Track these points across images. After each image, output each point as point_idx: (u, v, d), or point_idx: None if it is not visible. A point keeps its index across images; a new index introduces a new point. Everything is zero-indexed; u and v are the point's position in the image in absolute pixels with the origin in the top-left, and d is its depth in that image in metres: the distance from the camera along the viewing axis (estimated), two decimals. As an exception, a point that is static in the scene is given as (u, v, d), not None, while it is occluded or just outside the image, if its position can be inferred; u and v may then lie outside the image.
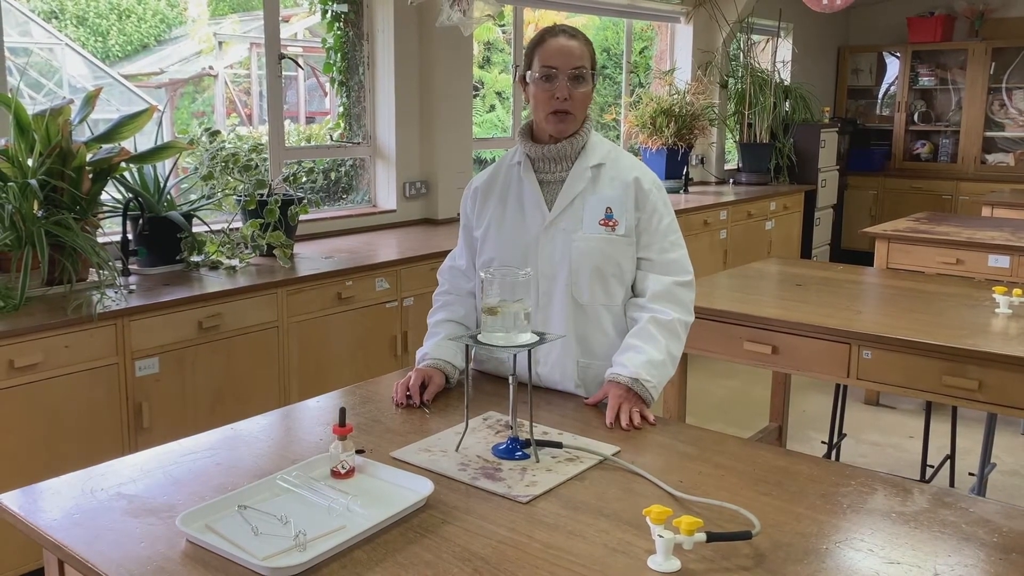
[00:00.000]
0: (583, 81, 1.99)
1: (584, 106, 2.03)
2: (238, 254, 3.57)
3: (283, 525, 1.41)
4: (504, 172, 2.16)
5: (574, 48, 1.98)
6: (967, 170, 7.95)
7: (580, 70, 1.98)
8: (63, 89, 5.05)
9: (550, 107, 2.00)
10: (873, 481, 1.62)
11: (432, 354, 2.10)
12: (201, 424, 2.88)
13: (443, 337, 2.13)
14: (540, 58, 2.00)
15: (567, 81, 1.97)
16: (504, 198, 2.13)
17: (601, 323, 2.07)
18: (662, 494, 1.55)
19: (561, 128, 2.03)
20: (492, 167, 2.23)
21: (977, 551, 1.37)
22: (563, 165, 2.08)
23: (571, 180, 2.07)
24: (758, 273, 3.72)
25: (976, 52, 7.80)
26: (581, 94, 2.00)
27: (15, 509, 1.50)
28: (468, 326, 2.19)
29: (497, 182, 2.16)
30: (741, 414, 4.55)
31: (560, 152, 2.06)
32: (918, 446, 3.74)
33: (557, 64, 1.97)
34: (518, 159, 2.13)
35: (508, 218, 2.11)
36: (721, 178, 7.16)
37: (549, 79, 1.98)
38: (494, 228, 2.13)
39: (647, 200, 2.07)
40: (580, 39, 2.01)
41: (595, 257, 2.03)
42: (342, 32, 4.65)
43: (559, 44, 1.99)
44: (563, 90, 1.97)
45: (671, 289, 2.05)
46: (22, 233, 2.84)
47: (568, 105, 1.99)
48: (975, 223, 5.16)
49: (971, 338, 2.67)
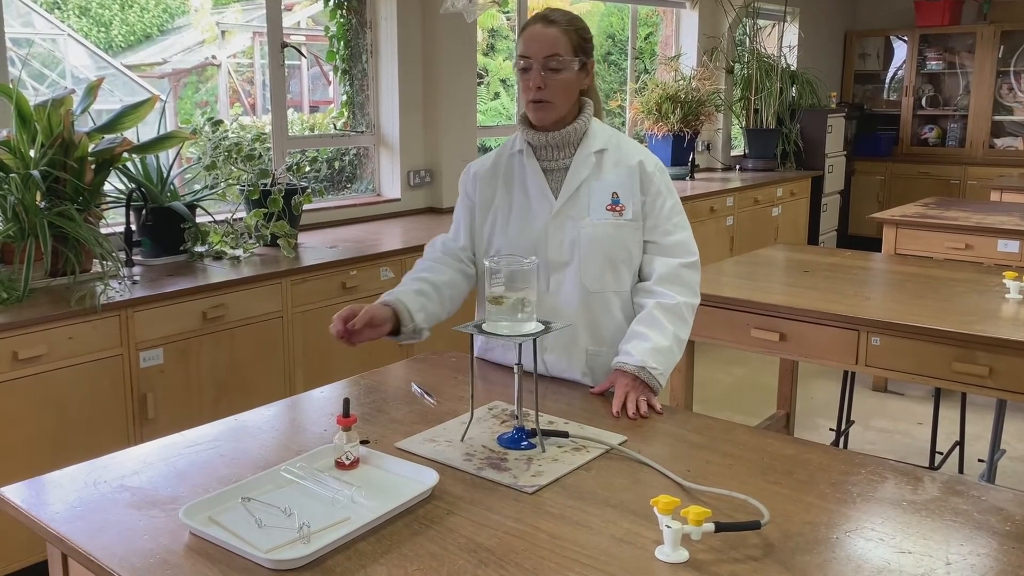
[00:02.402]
0: (559, 70, 1.94)
1: (564, 93, 1.98)
2: (242, 244, 3.55)
3: (287, 517, 1.40)
4: (506, 160, 2.13)
5: (548, 35, 1.94)
6: (975, 155, 7.89)
7: (554, 59, 1.93)
8: (66, 80, 5.04)
9: (527, 96, 1.98)
10: (883, 469, 1.61)
11: (390, 295, 1.99)
12: (206, 415, 2.87)
13: (410, 288, 2.02)
14: (519, 47, 2.00)
15: (541, 71, 1.94)
16: (509, 187, 2.10)
17: (611, 309, 2.05)
18: (670, 484, 1.54)
19: (540, 116, 2.00)
20: (492, 154, 2.19)
21: (989, 539, 1.35)
22: (566, 152, 2.06)
23: (575, 167, 2.04)
24: (765, 260, 3.69)
25: (984, 35, 7.73)
26: (558, 82, 1.95)
27: (18, 502, 1.49)
28: (444, 297, 2.07)
29: (499, 171, 2.13)
30: (749, 402, 4.53)
31: (563, 139, 2.04)
32: (927, 433, 3.72)
33: (530, 53, 1.95)
34: (519, 147, 2.10)
35: (515, 208, 2.08)
36: (727, 164, 7.12)
37: (525, 69, 1.97)
38: (501, 219, 2.10)
39: (651, 183, 2.06)
40: (559, 25, 1.96)
41: (604, 243, 2.01)
42: (345, 20, 4.62)
43: (533, 32, 1.96)
44: (536, 79, 1.94)
45: (677, 271, 2.03)
46: (25, 224, 2.83)
47: (544, 94, 1.95)
48: (984, 208, 5.12)
49: (981, 324, 2.64)
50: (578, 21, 2.01)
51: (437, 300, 2.05)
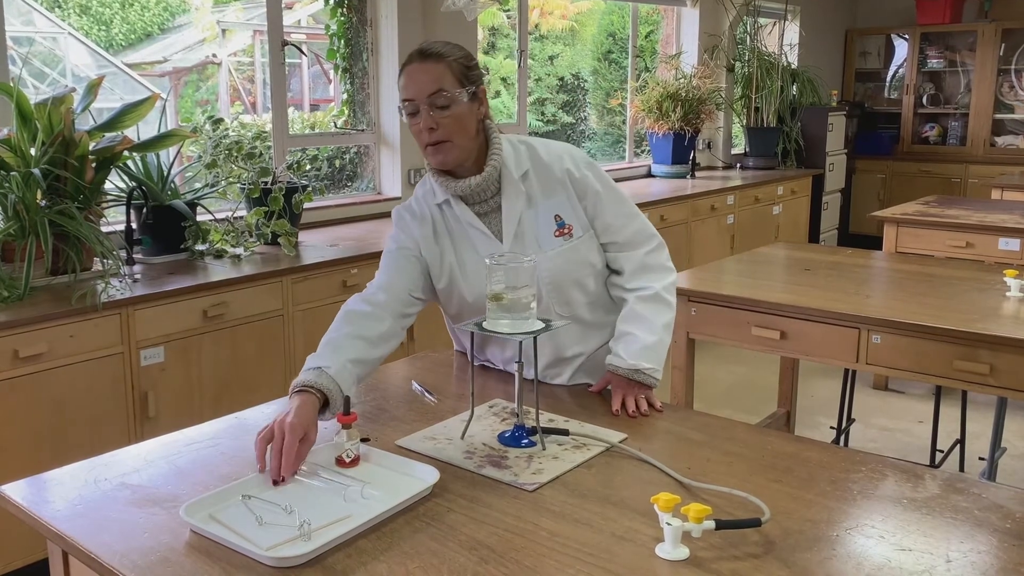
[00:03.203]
0: (448, 105, 1.80)
1: (460, 129, 1.83)
2: (242, 242, 3.55)
3: (288, 515, 1.40)
4: (437, 216, 1.98)
5: (428, 72, 1.79)
6: (976, 153, 7.89)
7: (440, 95, 1.79)
8: (67, 78, 5.04)
9: (423, 141, 1.84)
10: (884, 467, 1.61)
11: (319, 375, 1.70)
12: (207, 413, 2.88)
13: (347, 358, 1.78)
14: (400, 91, 1.84)
15: (429, 110, 1.80)
16: (452, 243, 1.97)
17: (588, 314, 2.04)
18: (670, 481, 1.54)
19: (441, 159, 1.85)
20: (415, 207, 2.00)
21: (990, 537, 1.35)
22: (491, 189, 1.93)
23: (507, 203, 1.93)
24: (766, 258, 3.69)
25: (985, 33, 7.73)
26: (449, 119, 1.80)
27: (18, 500, 1.49)
28: (377, 357, 1.88)
29: (434, 227, 1.98)
30: (749, 400, 4.53)
31: (485, 180, 1.90)
32: (927, 431, 3.72)
33: (413, 95, 1.80)
34: (442, 197, 1.95)
35: (467, 263, 1.96)
36: (728, 163, 7.12)
37: (412, 113, 1.82)
38: (459, 278, 1.97)
39: (584, 186, 1.96)
40: (438, 58, 1.81)
41: (565, 271, 1.96)
42: (345, 18, 4.62)
43: (411, 72, 1.82)
44: (427, 120, 1.80)
45: (643, 261, 2.02)
46: (25, 223, 2.83)
47: (438, 135, 1.81)
48: (985, 206, 5.11)
49: (982, 322, 2.64)
50: (457, 50, 1.86)
51: (372, 362, 1.88)
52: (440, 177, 1.92)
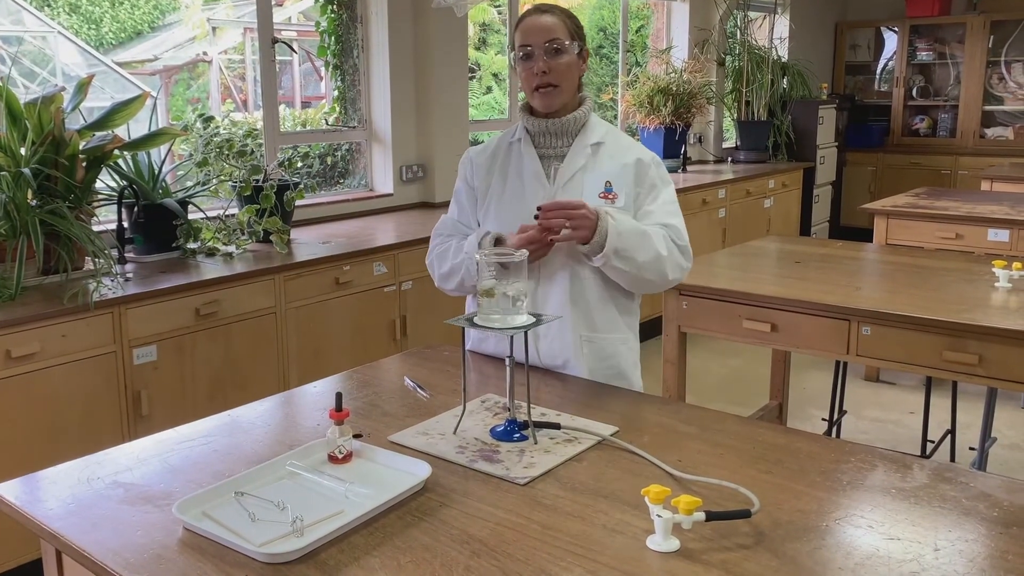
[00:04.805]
0: (561, 52, 2.00)
1: (568, 76, 2.03)
2: (234, 240, 3.55)
3: (280, 511, 1.40)
4: (504, 149, 2.16)
5: (546, 22, 2.01)
6: (966, 144, 7.92)
7: (555, 42, 1.99)
8: (56, 77, 5.03)
9: (532, 83, 2.03)
10: (873, 457, 1.62)
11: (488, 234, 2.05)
12: (200, 411, 2.86)
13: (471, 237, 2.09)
14: (517, 39, 2.04)
15: (544, 55, 1.99)
16: (504, 173, 2.14)
17: (602, 294, 2.07)
18: (661, 474, 1.55)
19: (547, 102, 2.04)
20: (492, 141, 2.23)
21: (978, 526, 1.36)
22: (564, 141, 2.10)
23: (572, 156, 2.08)
24: (757, 251, 3.70)
25: (974, 25, 7.75)
26: (561, 64, 2.01)
27: (11, 499, 1.50)
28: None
29: (497, 158, 2.16)
30: (741, 393, 4.55)
31: (562, 127, 2.08)
32: (918, 421, 3.74)
33: (531, 41, 2.00)
34: (518, 136, 2.14)
35: (508, 192, 2.12)
36: (719, 156, 7.13)
37: (527, 57, 2.01)
38: (494, 203, 2.14)
39: (646, 175, 2.09)
40: (554, 13, 2.03)
41: None
42: (336, 15, 4.62)
43: (531, 21, 2.02)
44: (540, 64, 1.99)
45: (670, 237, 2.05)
46: (16, 222, 2.83)
47: (549, 78, 2.00)
48: (974, 197, 5.14)
49: (971, 312, 2.65)
50: (570, 11, 2.07)
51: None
52: (526, 115, 2.11)
